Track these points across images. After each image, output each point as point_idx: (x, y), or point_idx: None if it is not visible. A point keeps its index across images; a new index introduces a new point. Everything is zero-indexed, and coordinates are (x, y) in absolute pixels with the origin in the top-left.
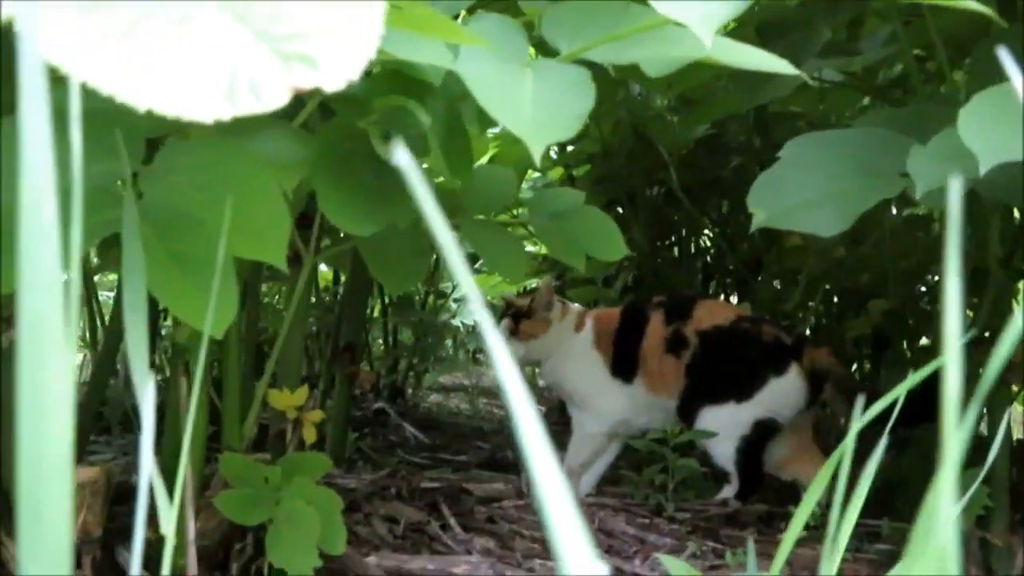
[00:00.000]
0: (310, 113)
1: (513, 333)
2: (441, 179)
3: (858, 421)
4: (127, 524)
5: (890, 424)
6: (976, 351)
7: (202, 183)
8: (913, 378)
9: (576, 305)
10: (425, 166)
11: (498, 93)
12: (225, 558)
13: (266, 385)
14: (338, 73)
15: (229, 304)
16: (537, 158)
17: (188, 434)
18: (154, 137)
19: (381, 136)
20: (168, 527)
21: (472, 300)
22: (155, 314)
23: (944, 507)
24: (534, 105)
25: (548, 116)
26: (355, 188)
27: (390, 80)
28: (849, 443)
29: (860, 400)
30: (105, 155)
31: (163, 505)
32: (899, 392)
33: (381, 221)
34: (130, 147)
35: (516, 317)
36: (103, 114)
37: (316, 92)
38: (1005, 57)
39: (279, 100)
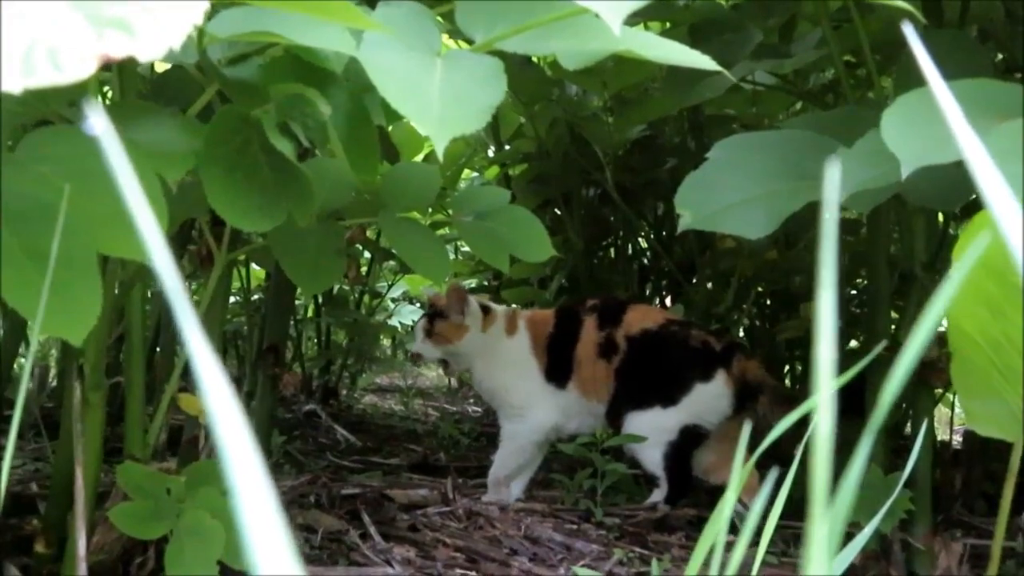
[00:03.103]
0: (209, 101)
1: (428, 333)
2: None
3: (782, 424)
4: (19, 538)
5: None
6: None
7: (69, 173)
8: (836, 381)
9: (504, 308)
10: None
11: (402, 83)
12: (124, 573)
13: (174, 388)
14: (157, 41)
15: (89, 307)
16: (440, 152)
17: (80, 442)
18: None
19: (277, 127)
20: None
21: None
22: None
23: (816, 554)
24: (441, 96)
25: (455, 108)
26: (248, 182)
27: (288, 67)
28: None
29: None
30: None
31: None
32: (804, 410)
33: (276, 217)
34: None
35: (432, 317)
36: None
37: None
38: (921, 54)
39: (83, 71)
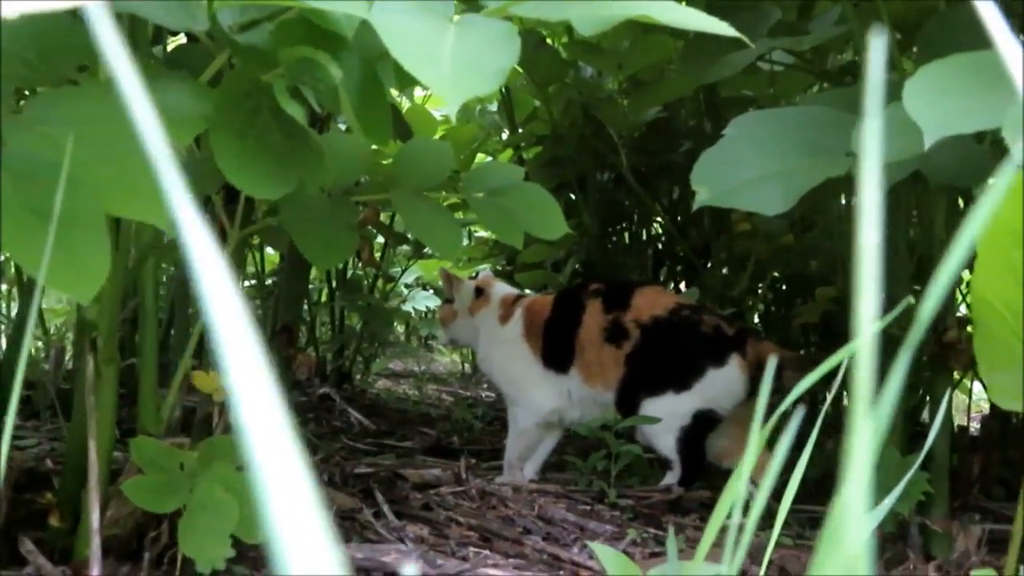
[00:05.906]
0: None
1: (441, 319)
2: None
3: (791, 395)
4: (33, 512)
5: (826, 406)
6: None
7: (77, 135)
8: (845, 351)
9: (503, 294)
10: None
11: (413, 44)
12: (138, 547)
13: (188, 365)
14: None
15: (97, 266)
16: (453, 112)
17: (93, 416)
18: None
19: (288, 91)
20: None
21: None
22: None
23: (854, 511)
24: (454, 58)
25: (467, 69)
26: (259, 147)
27: (298, 30)
28: (755, 422)
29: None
30: None
31: None
32: (829, 365)
33: (287, 184)
34: None
35: (445, 301)
36: None
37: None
38: (989, 11)
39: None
